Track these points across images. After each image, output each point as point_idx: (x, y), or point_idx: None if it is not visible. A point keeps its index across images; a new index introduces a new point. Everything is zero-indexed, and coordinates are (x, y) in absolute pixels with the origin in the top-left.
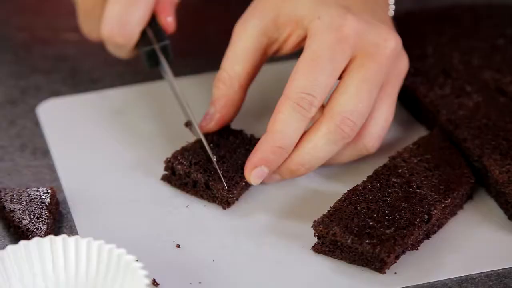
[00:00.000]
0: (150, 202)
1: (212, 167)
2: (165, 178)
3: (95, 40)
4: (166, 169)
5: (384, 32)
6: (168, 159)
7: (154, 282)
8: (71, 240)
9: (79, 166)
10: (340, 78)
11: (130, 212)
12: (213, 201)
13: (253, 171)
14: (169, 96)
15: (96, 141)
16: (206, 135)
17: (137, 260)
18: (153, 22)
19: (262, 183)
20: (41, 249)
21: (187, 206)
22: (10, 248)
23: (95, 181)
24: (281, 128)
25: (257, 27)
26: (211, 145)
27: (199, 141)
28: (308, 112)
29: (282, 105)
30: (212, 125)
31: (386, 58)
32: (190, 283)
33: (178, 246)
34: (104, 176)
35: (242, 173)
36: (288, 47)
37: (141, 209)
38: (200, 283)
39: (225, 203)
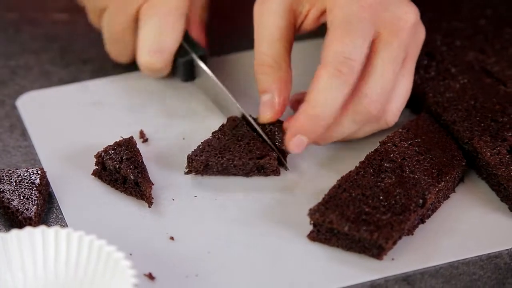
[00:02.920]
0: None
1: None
2: (95, 174)
3: (125, 63)
4: (97, 163)
5: (403, 4)
6: (99, 153)
7: (150, 276)
8: (63, 233)
9: (61, 160)
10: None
11: (116, 205)
12: (142, 199)
13: (292, 140)
14: (147, 86)
15: (78, 133)
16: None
17: (126, 258)
18: (185, 36)
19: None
20: (32, 240)
21: (173, 200)
22: (1, 236)
23: (79, 174)
24: (317, 98)
25: (281, 3)
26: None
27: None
28: (350, 77)
29: (320, 74)
30: (276, 110)
31: (407, 32)
32: (187, 276)
33: (172, 238)
34: (88, 168)
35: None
36: (308, 23)
37: (128, 201)
38: (196, 275)
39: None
